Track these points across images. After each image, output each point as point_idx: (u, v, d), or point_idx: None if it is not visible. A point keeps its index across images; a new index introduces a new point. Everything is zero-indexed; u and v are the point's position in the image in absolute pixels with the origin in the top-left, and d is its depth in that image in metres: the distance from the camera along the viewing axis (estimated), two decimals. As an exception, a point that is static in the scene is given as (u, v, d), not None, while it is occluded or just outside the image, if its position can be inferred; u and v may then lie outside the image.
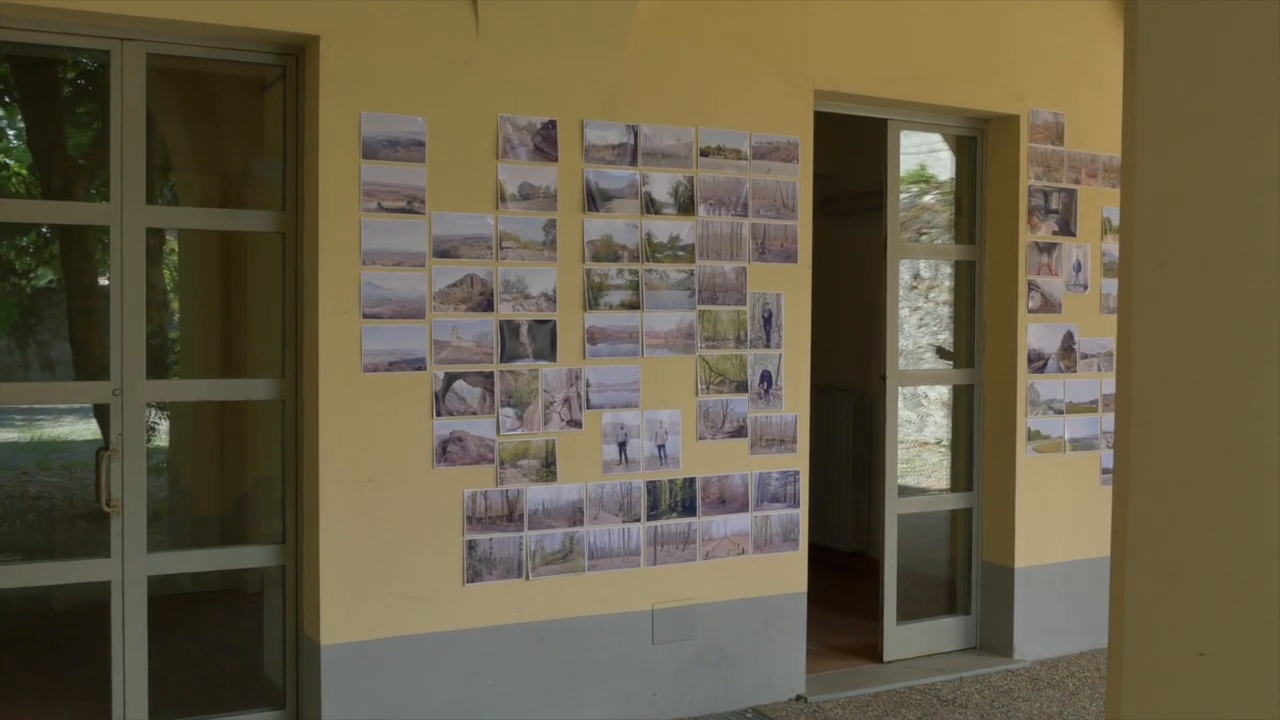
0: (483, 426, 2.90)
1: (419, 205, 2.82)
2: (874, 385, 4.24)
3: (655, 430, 3.13)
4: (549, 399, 3.00)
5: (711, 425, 3.22)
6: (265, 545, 2.92)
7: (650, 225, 3.12)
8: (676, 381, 3.20)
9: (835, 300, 4.70)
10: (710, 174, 3.21)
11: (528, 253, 2.95)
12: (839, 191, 4.82)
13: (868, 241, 4.37)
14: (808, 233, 3.38)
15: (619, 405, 3.09)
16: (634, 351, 3.11)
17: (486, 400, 2.91)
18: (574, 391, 3.03)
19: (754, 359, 3.29)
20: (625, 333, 3.10)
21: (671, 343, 3.17)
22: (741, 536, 3.25)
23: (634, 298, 3.11)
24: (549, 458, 2.99)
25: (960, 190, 3.95)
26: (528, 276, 2.96)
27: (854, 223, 4.82)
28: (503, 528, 2.93)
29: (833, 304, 4.55)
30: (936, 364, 5.58)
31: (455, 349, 2.87)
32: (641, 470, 3.11)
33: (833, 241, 4.45)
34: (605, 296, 3.07)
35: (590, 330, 3.06)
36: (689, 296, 3.19)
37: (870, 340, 4.42)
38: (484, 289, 2.90)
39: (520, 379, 2.97)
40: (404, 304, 2.81)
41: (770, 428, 3.30)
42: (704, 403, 3.22)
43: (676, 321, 3.17)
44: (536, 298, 2.97)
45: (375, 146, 2.76)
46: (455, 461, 2.88)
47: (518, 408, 2.96)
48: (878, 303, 3.80)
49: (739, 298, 3.26)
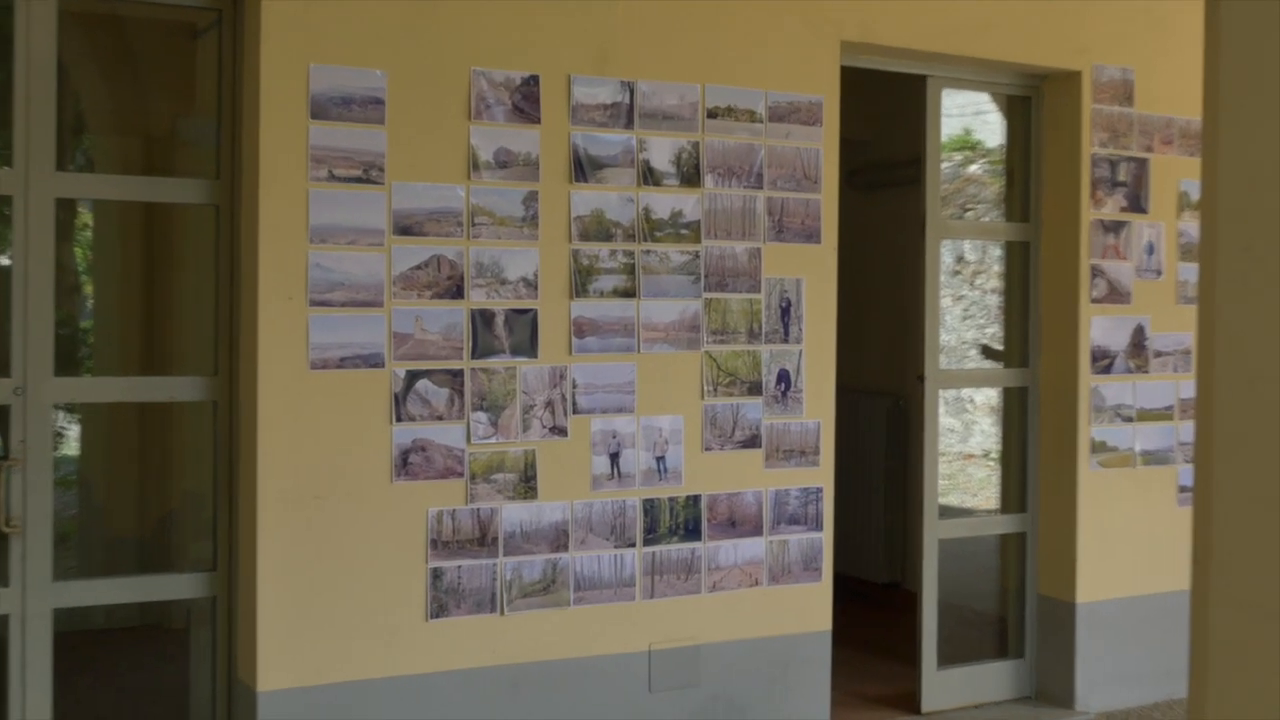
0: (450, 434, 2.91)
1: (377, 174, 2.83)
2: (910, 388, 4.25)
3: (653, 439, 3.14)
4: (528, 402, 3.01)
5: (719, 434, 3.24)
6: (193, 573, 2.92)
7: (648, 199, 3.12)
8: (678, 382, 3.21)
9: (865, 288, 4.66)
10: (719, 139, 3.20)
11: (505, 230, 2.96)
12: (870, 160, 4.79)
13: (903, 219, 4.35)
14: (833, 208, 3.37)
15: (610, 410, 3.10)
16: (629, 346, 3.13)
17: (455, 403, 2.92)
18: (558, 393, 3.04)
19: (769, 356, 3.30)
20: (618, 324, 3.11)
21: (673, 336, 3.18)
22: (754, 565, 3.26)
23: (629, 283, 3.12)
24: (528, 471, 3.00)
25: (1012, 159, 3.92)
26: (504, 258, 2.97)
27: (887, 197, 4.80)
28: (473, 553, 2.94)
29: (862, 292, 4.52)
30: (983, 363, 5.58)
31: (419, 342, 2.88)
32: (637, 486, 3.12)
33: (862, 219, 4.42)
34: (595, 282, 3.08)
35: (577, 321, 3.07)
36: (693, 282, 3.20)
37: (906, 335, 4.40)
38: (453, 272, 2.91)
39: (495, 378, 2.98)
40: (358, 289, 2.81)
41: (789, 437, 3.32)
42: (711, 407, 3.23)
43: (679, 311, 3.18)
44: (514, 283, 2.98)
45: (326, 105, 2.76)
46: (418, 475, 2.88)
47: (492, 412, 2.97)
48: (915, 291, 3.79)
49: (752, 284, 3.27)
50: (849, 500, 4.53)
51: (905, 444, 4.84)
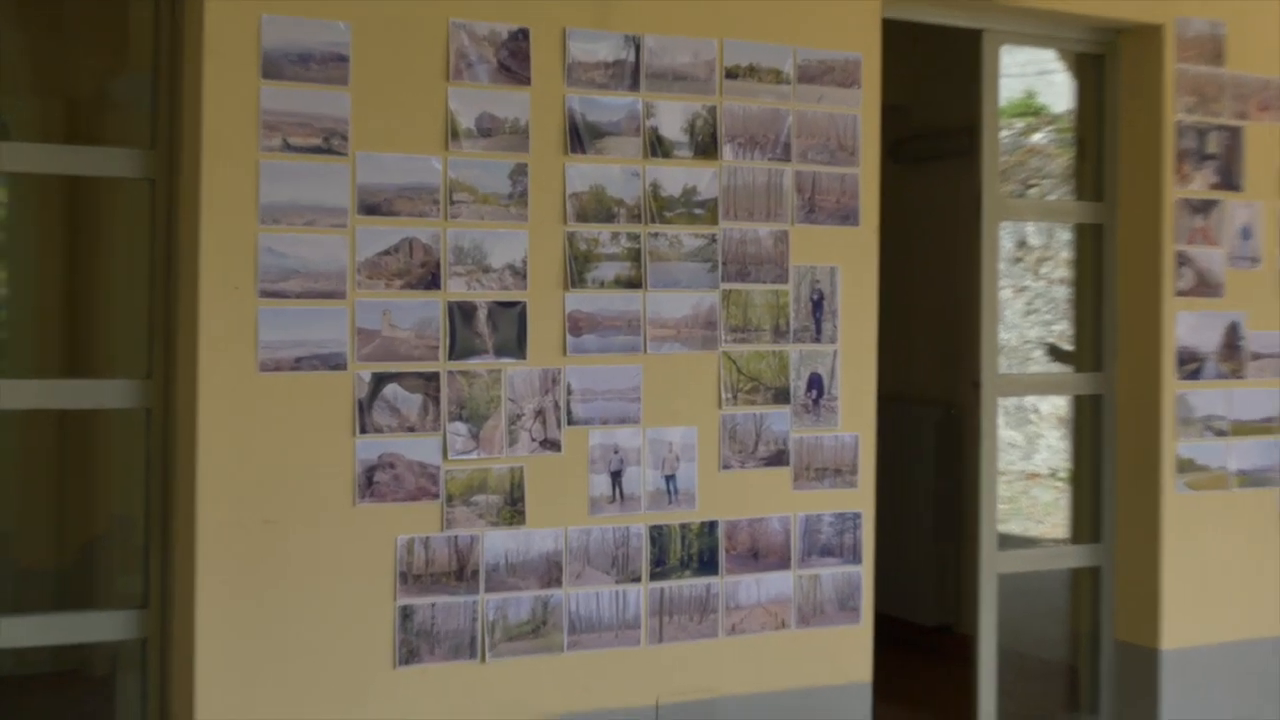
0: (423, 448, 2.86)
1: (339, 143, 2.78)
2: (964, 395, 4.19)
3: (662, 455, 3.09)
4: (515, 411, 2.97)
5: (740, 449, 3.18)
6: (120, 611, 2.85)
7: (656, 173, 3.07)
8: (692, 388, 3.14)
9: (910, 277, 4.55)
10: (739, 103, 3.15)
11: (488, 209, 2.92)
12: (916, 129, 4.69)
13: (955, 197, 4.28)
14: (873, 184, 3.31)
15: (612, 420, 3.04)
16: (633, 346, 3.07)
17: (429, 412, 2.87)
18: (550, 401, 3.00)
19: (799, 357, 3.24)
20: (621, 320, 3.06)
21: (685, 334, 3.13)
22: (781, 603, 3.20)
23: (633, 272, 3.07)
24: (515, 492, 2.95)
25: (1082, 127, 3.84)
26: (488, 241, 2.92)
27: (936, 171, 4.72)
28: (450, 589, 2.88)
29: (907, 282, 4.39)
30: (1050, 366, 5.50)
31: (387, 341, 2.83)
32: (642, 511, 3.07)
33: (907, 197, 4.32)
34: (594, 270, 3.03)
35: (573, 316, 3.02)
36: (709, 271, 3.15)
37: (959, 333, 4.31)
38: (427, 258, 2.86)
39: (476, 383, 2.93)
40: (317, 278, 2.76)
41: (822, 453, 3.27)
42: (729, 418, 3.17)
43: (692, 305, 3.13)
44: (499, 271, 2.94)
45: (280, 62, 2.71)
46: (385, 496, 2.84)
47: (472, 422, 2.92)
48: (969, 282, 3.71)
49: (778, 273, 3.22)
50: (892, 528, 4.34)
51: (958, 462, 4.73)
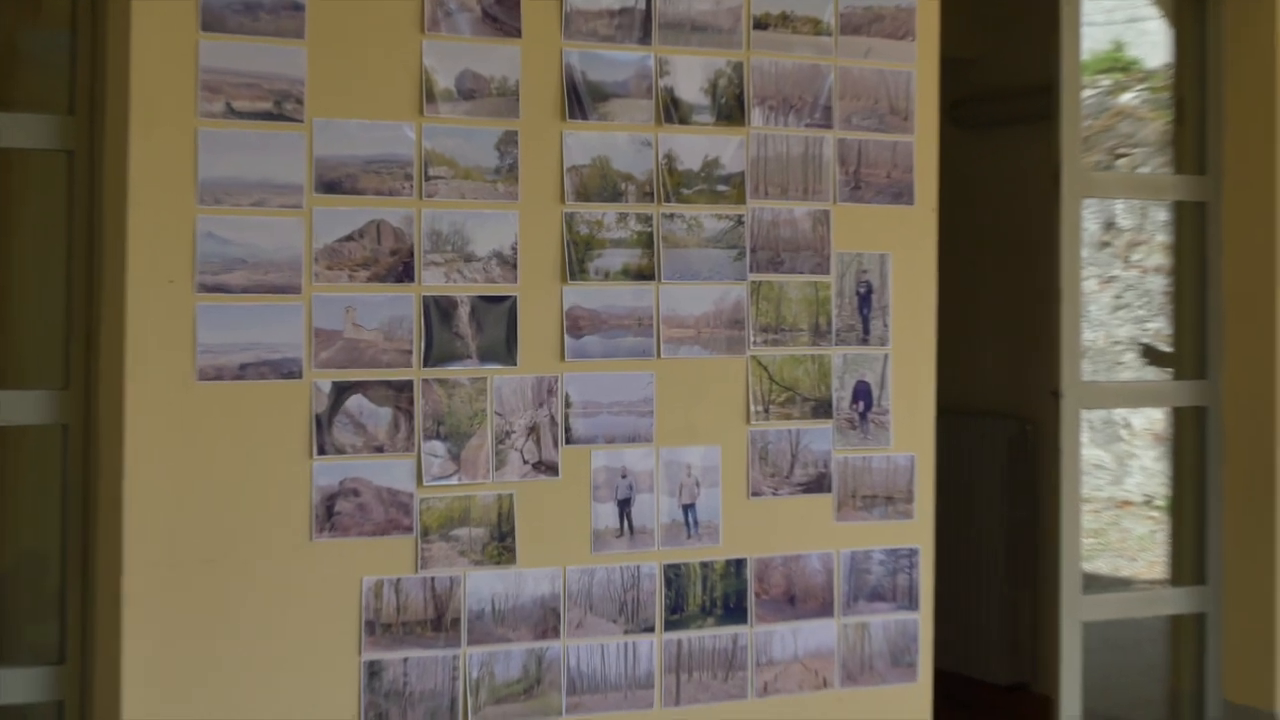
0: (394, 472, 2.86)
1: (293, 107, 2.77)
2: (1041, 408, 4.11)
3: (679, 480, 3.09)
4: (504, 427, 2.96)
5: (772, 472, 3.19)
6: (30, 669, 2.81)
7: (672, 142, 3.07)
8: (714, 399, 3.14)
9: (976, 266, 4.49)
10: (771, 58, 3.14)
11: (471, 186, 2.91)
12: (981, 87, 4.65)
13: (1029, 169, 4.22)
14: (931, 154, 3.28)
15: (619, 438, 3.05)
16: (644, 349, 3.07)
17: (401, 429, 2.88)
18: (545, 415, 3.00)
19: (842, 363, 3.25)
20: (630, 318, 3.06)
21: (706, 335, 3.13)
22: (822, 658, 3.19)
23: (645, 261, 3.07)
24: (503, 525, 2.95)
25: (1182, 86, 3.78)
26: (471, 225, 2.91)
27: (1006, 139, 4.65)
28: (426, 641, 2.87)
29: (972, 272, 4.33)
30: (1144, 372, 5.61)
31: (350, 344, 2.83)
32: (656, 547, 3.06)
33: (972, 169, 4.25)
34: (598, 259, 3.03)
35: (573, 314, 3.01)
36: (735, 259, 3.15)
37: (1034, 333, 4.28)
38: (398, 245, 2.86)
39: (457, 394, 2.93)
40: (266, 269, 2.76)
41: (870, 477, 3.26)
42: (760, 435, 3.17)
43: (715, 300, 3.13)
44: (485, 260, 2.94)
45: (221, 12, 2.71)
46: (348, 530, 2.83)
47: (452, 441, 2.92)
48: (1046, 270, 3.67)
49: (818, 261, 3.21)
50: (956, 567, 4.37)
51: (1034, 487, 4.69)
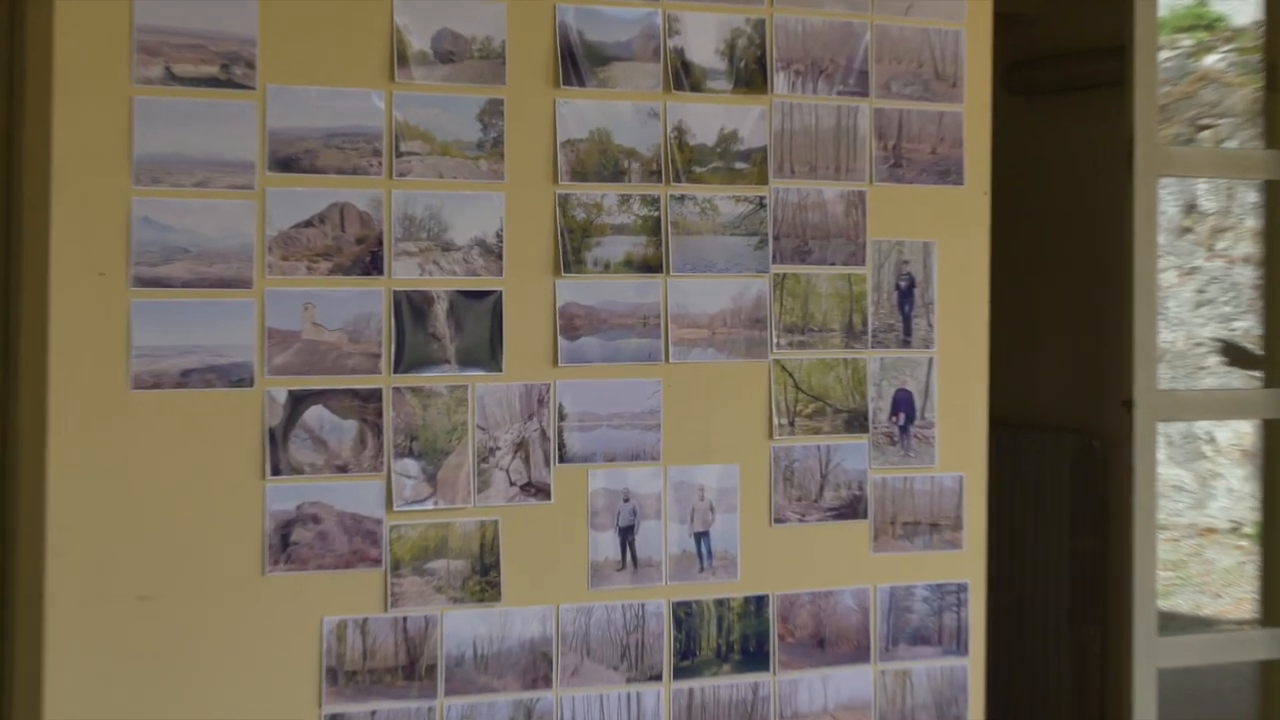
0: (360, 495, 2.88)
1: (243, 72, 2.78)
2: (1111, 420, 4.17)
3: (690, 504, 3.12)
4: (488, 443, 2.98)
5: (799, 495, 3.21)
6: (-63, 722, 3.00)
7: (683, 112, 3.10)
8: (732, 410, 3.17)
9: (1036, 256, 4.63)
10: (797, 14, 3.17)
11: (450, 164, 2.93)
12: (1042, 48, 4.76)
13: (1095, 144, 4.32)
14: (984, 127, 3.31)
15: (621, 455, 3.07)
16: (650, 353, 3.10)
17: (368, 445, 2.90)
18: (535, 429, 3.02)
19: (880, 369, 3.28)
20: (634, 317, 3.08)
21: (723, 336, 3.16)
22: (858, 710, 3.22)
23: (651, 250, 3.10)
24: (486, 557, 2.96)
25: (1275, 47, 3.82)
26: (449, 208, 2.93)
27: (1071, 107, 4.75)
28: (397, 691, 2.89)
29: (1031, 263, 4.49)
30: (1229, 379, 5.72)
31: (310, 347, 2.85)
32: (664, 582, 3.09)
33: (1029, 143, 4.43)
34: (597, 247, 3.05)
35: (568, 312, 3.04)
36: (755, 248, 3.17)
37: (1102, 334, 4.37)
38: (365, 232, 2.87)
39: (433, 405, 2.95)
40: (212, 259, 2.76)
41: (912, 500, 3.29)
42: (785, 452, 3.20)
43: (732, 296, 3.16)
44: (466, 249, 2.95)
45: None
46: (307, 562, 2.84)
47: (428, 460, 2.94)
48: (1116, 260, 3.72)
49: (852, 250, 3.24)
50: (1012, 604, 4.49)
51: (1103, 511, 4.76)
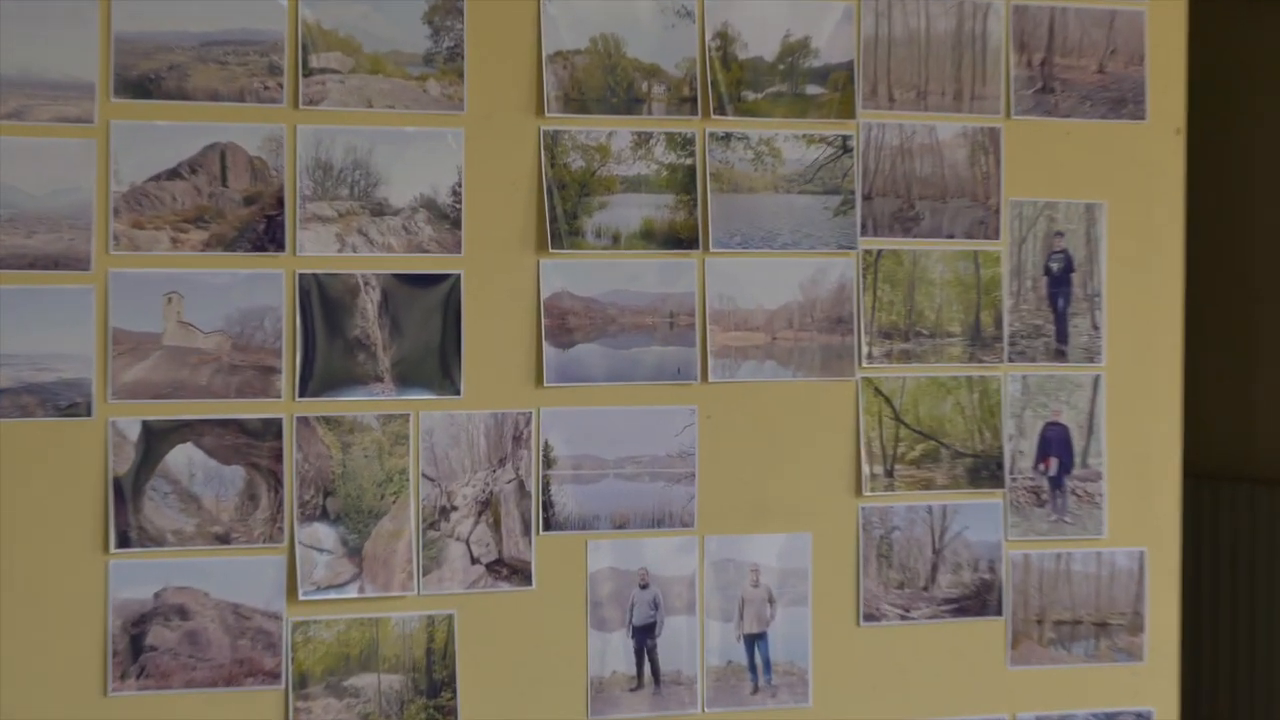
0: (249, 578, 2.83)
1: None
2: None
3: (738, 592, 3.06)
4: (439, 500, 2.92)
5: (901, 580, 3.17)
6: None
7: (730, 11, 3.08)
8: (800, 452, 3.11)
9: (1249, 227, 4.68)
10: None
11: (384, 86, 2.92)
12: None
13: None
14: (1177, 33, 3.30)
15: (636, 518, 3.02)
16: (680, 367, 3.03)
17: (261, 503, 2.84)
18: (508, 479, 2.96)
19: (1022, 392, 3.23)
20: (655, 313, 3.03)
21: (788, 343, 3.10)
22: None
23: (681, 214, 3.04)
24: (436, 669, 2.90)
25: None
26: (383, 153, 2.90)
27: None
28: None
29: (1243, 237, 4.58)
30: None
31: (175, 356, 2.82)
32: (700, 709, 3.06)
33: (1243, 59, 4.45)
34: (601, 210, 3.00)
35: (558, 306, 2.98)
36: (836, 212, 3.12)
37: None
38: (258, 187, 2.84)
39: (358, 443, 2.89)
40: (32, 225, 2.77)
41: (1070, 588, 3.26)
42: (880, 515, 3.17)
43: (802, 284, 3.11)
44: (407, 213, 2.90)
45: None
46: (169, 677, 2.80)
47: (350, 524, 2.87)
48: None
49: (980, 218, 3.20)
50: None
51: None
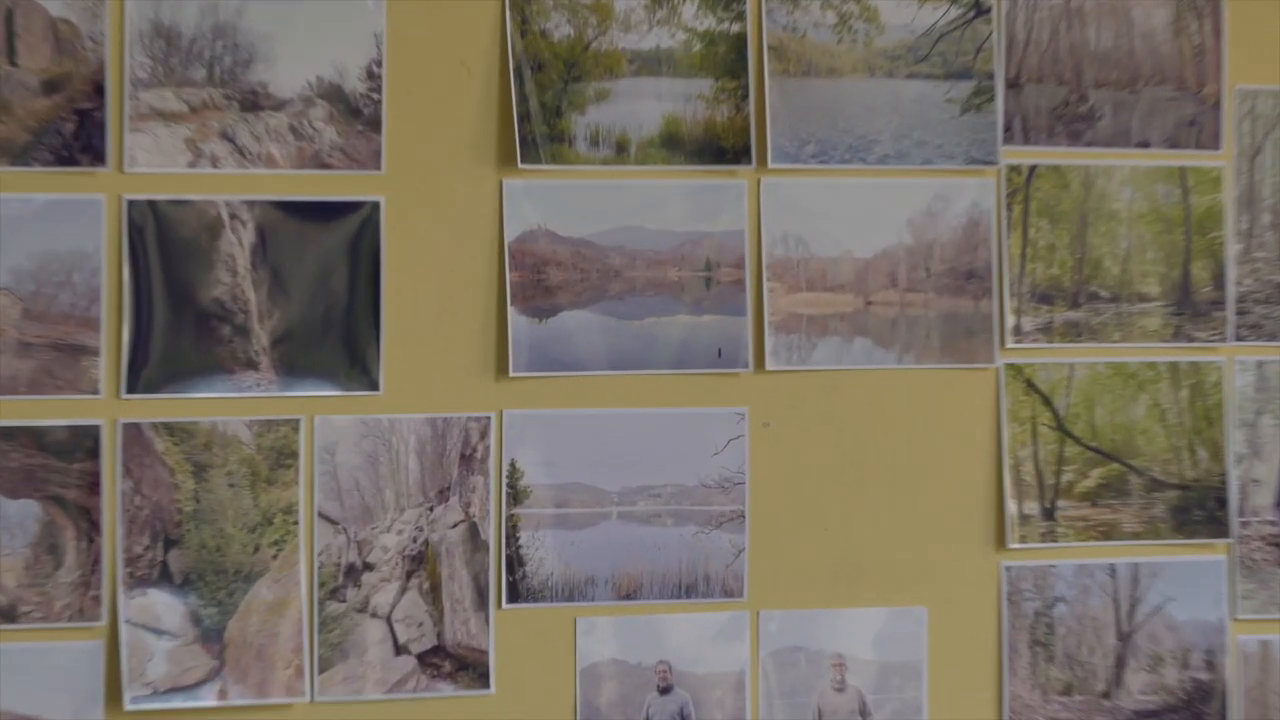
0: (47, 674, 2.76)
1: None
2: None
3: (806, 694, 2.94)
4: (345, 555, 2.79)
5: (1068, 678, 3.06)
6: None
7: None
8: (911, 479, 2.88)
9: None
10: None
11: None
12: None
13: None
14: None
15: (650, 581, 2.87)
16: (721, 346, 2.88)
17: (66, 556, 2.78)
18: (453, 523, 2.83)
19: (1256, 388, 3.11)
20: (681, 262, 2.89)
21: (889, 309, 2.96)
22: None
23: (724, 108, 2.89)
24: None
25: None
26: (257, 11, 2.82)
27: None
28: None
29: None
30: None
31: None
32: None
33: None
34: (597, 105, 2.88)
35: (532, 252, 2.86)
36: (964, 109, 2.97)
37: None
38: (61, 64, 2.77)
39: (218, 465, 2.79)
40: None
41: None
42: (1034, 579, 3.03)
43: (911, 219, 2.90)
44: (298, 106, 2.76)
45: None
46: None
47: (206, 593, 2.76)
48: None
49: (1189, 116, 3.01)
50: None
51: None
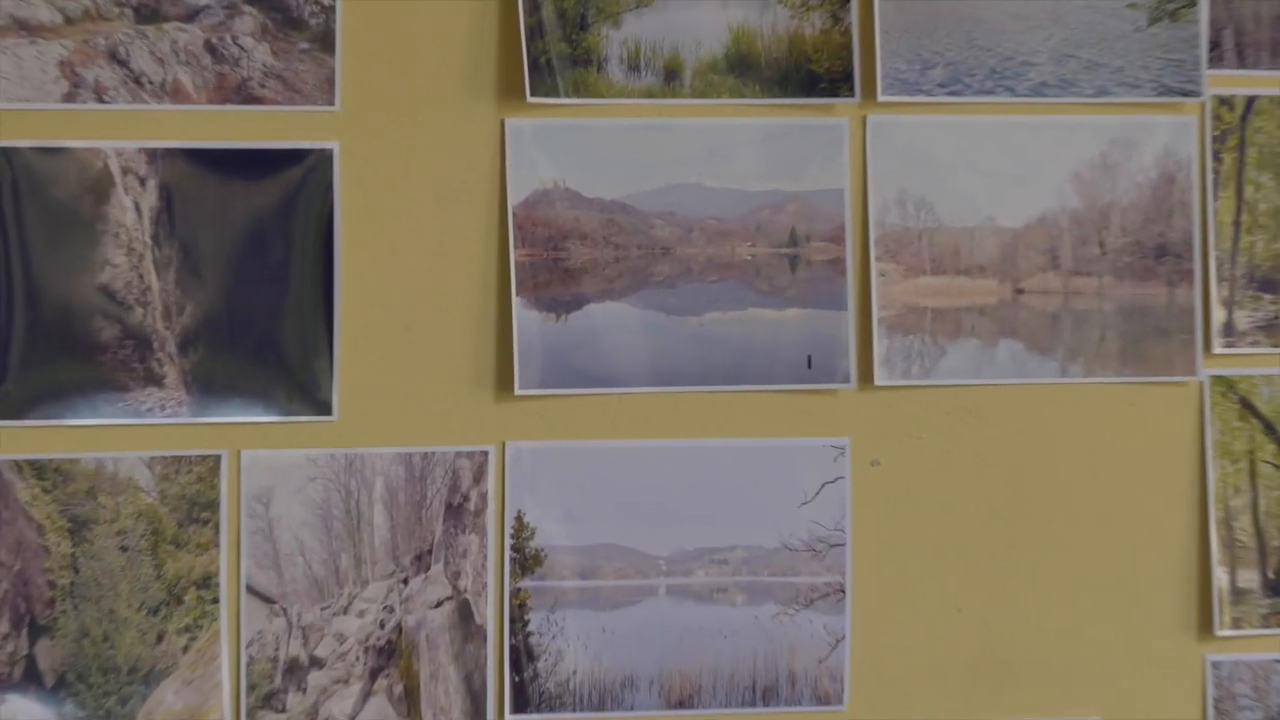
0: None
1: None
2: None
3: None
4: (281, 647, 2.90)
5: None
6: None
7: None
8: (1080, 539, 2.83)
9: None
10: None
11: None
12: None
13: None
14: None
15: (711, 686, 2.86)
16: (813, 351, 2.94)
17: None
18: (436, 600, 2.89)
19: None
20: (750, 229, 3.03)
21: (1053, 305, 3.00)
22: None
23: (814, 21, 2.88)
24: None
25: None
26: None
27: None
28: None
29: None
30: None
31: None
32: None
33: None
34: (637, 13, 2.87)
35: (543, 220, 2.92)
36: (1154, 18, 3.05)
37: None
38: None
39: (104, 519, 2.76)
40: None
41: None
42: (1246, 677, 3.01)
43: (1081, 168, 2.93)
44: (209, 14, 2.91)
45: None
46: None
47: (89, 700, 2.80)
48: None
49: None
50: None
51: None
